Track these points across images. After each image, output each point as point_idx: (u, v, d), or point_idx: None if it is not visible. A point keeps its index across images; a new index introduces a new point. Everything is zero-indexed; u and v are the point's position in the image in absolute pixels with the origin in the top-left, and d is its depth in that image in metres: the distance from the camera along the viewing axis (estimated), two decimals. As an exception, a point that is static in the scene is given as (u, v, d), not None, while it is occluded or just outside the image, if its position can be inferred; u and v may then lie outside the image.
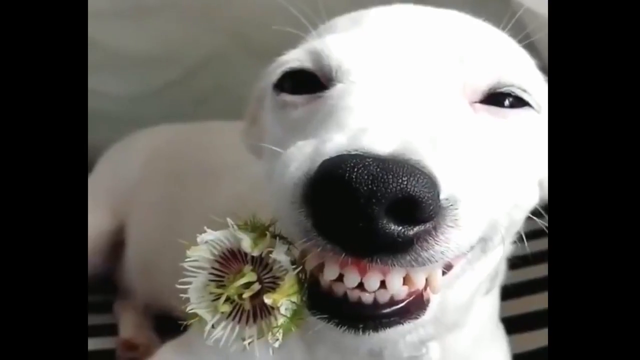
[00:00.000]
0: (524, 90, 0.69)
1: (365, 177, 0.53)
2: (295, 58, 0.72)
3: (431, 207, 0.54)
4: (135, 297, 1.43)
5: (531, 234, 0.76)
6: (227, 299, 0.61)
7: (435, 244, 0.56)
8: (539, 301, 1.24)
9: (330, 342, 0.80)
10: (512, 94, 0.69)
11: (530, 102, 0.70)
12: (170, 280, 1.26)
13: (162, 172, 1.42)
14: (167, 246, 1.28)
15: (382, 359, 0.79)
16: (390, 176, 0.53)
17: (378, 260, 0.56)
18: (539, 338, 1.13)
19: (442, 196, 0.55)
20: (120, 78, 1.58)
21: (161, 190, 1.39)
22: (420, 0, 0.83)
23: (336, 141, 0.57)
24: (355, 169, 0.53)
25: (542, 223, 0.69)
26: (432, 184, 0.54)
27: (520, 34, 0.77)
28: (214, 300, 0.61)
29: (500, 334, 0.95)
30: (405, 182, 0.53)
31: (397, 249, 0.55)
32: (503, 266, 0.86)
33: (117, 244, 1.44)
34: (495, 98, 0.69)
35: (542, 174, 0.75)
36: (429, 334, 0.78)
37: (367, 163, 0.53)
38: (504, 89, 0.69)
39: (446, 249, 0.56)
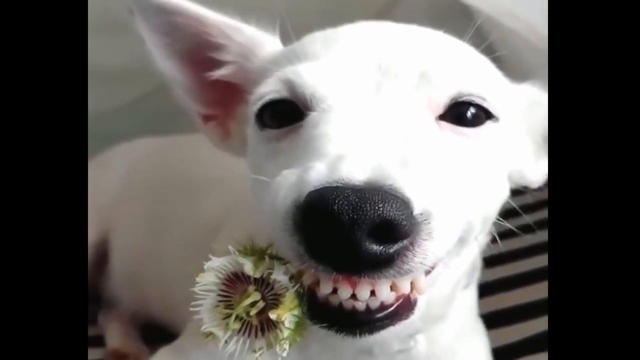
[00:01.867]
0: (483, 99, 0.75)
1: (346, 207, 0.60)
2: (272, 89, 0.76)
3: (406, 227, 0.61)
4: (121, 307, 1.44)
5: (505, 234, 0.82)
6: (236, 317, 0.67)
7: (414, 256, 0.63)
8: (515, 297, 1.32)
9: (323, 342, 0.85)
10: (472, 102, 0.74)
11: (490, 109, 0.75)
12: (155, 289, 1.29)
13: (145, 184, 1.43)
14: (153, 256, 1.32)
15: (372, 355, 0.86)
16: (368, 205, 0.60)
17: (365, 275, 0.63)
18: (515, 333, 1.21)
19: (415, 212, 0.62)
20: (93, 93, 1.58)
21: (145, 202, 1.40)
22: (381, 16, 0.87)
23: (318, 170, 0.63)
24: (337, 201, 0.60)
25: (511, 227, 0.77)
26: (405, 205, 0.61)
27: (482, 44, 0.82)
28: (224, 318, 0.68)
29: (480, 327, 1.02)
30: (381, 209, 0.60)
31: (381, 266, 0.62)
32: (479, 262, 0.92)
33: (100, 255, 1.44)
34: (457, 109, 0.74)
35: (510, 167, 0.81)
36: (417, 327, 0.84)
37: (346, 194, 0.60)
38: (464, 98, 0.74)
39: (424, 259, 0.63)
